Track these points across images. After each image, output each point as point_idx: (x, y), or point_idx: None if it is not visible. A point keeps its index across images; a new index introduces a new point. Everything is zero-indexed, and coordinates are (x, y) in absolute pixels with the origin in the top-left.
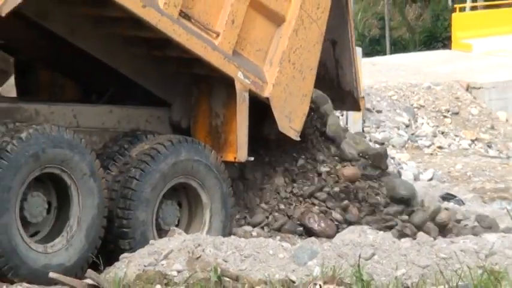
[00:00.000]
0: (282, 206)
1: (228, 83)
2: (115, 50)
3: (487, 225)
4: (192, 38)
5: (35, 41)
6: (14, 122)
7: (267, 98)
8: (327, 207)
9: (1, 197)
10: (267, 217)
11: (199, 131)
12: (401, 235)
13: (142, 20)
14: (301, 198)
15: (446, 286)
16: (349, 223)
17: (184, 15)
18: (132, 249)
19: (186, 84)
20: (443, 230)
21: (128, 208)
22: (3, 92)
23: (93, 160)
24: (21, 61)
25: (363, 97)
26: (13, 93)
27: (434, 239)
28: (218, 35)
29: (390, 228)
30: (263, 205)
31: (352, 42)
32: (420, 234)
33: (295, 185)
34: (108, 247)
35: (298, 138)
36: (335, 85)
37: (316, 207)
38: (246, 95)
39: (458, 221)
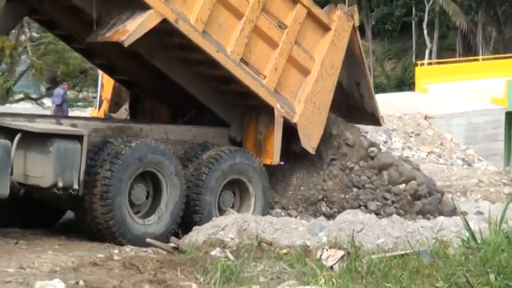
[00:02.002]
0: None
1: (269, 111)
2: (196, 83)
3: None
4: (248, 77)
5: (145, 77)
6: (127, 136)
7: (295, 124)
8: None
9: (116, 185)
10: (292, 203)
11: (248, 144)
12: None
13: (215, 61)
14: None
15: (411, 250)
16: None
17: (244, 61)
18: (201, 223)
19: (241, 111)
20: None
21: (199, 193)
22: (118, 116)
23: (177, 163)
24: (134, 93)
25: (382, 116)
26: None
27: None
28: (265, 77)
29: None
30: (291, 195)
31: (368, 83)
32: (394, 215)
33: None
34: (185, 221)
35: (314, 152)
36: (361, 110)
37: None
38: (281, 120)
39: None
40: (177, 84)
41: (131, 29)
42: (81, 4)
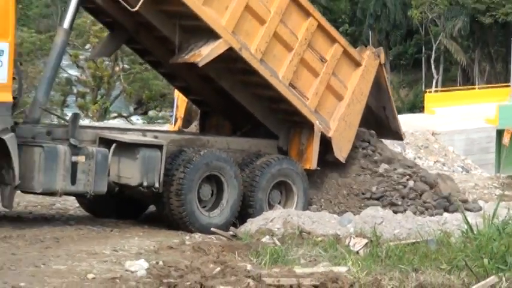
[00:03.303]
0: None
1: (310, 126)
2: (253, 102)
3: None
4: (294, 98)
5: (213, 96)
6: (197, 146)
7: (330, 137)
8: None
9: (188, 184)
10: (326, 201)
11: (292, 152)
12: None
13: (269, 84)
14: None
15: (421, 239)
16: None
17: (292, 85)
18: (254, 216)
19: (287, 126)
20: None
21: (253, 192)
22: (189, 130)
23: (236, 168)
24: (204, 111)
25: (404, 133)
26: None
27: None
28: (308, 99)
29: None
30: (324, 195)
31: (392, 107)
32: (408, 212)
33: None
34: (241, 214)
35: (344, 161)
36: (387, 128)
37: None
38: (319, 134)
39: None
40: (237, 102)
41: (205, 53)
42: (167, 34)
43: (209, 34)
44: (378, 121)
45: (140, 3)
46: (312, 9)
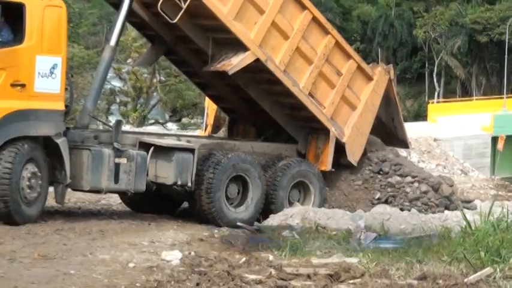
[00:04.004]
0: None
1: (326, 132)
2: (276, 109)
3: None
4: (313, 106)
5: (240, 104)
6: (225, 150)
7: (344, 143)
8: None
9: (217, 184)
10: (339, 199)
11: (310, 156)
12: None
13: (291, 92)
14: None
15: (424, 234)
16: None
17: (311, 94)
18: (275, 212)
19: (306, 132)
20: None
21: (275, 191)
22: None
23: (260, 170)
24: (232, 118)
25: (410, 142)
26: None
27: (420, 211)
28: (325, 107)
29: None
30: (338, 194)
31: (400, 118)
32: (413, 209)
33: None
34: (264, 210)
35: (356, 165)
36: (395, 137)
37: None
38: (334, 139)
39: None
40: (262, 110)
41: (234, 63)
42: (202, 46)
43: (239, 46)
44: (387, 130)
45: (179, 15)
46: (330, 28)
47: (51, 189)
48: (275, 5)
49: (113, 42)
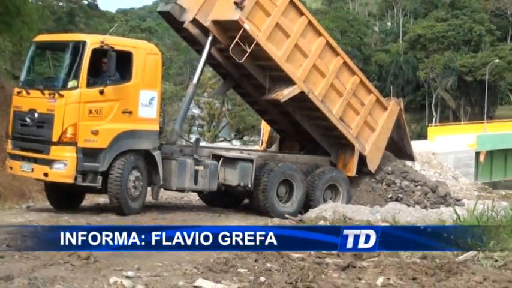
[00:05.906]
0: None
1: (352, 148)
2: (314, 129)
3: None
4: (343, 128)
5: (288, 126)
6: (276, 160)
7: (365, 156)
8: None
9: (270, 185)
10: (362, 198)
11: (340, 165)
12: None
13: (327, 117)
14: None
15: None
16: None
17: (341, 119)
18: (313, 207)
19: (336, 147)
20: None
21: (313, 191)
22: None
23: (302, 175)
24: (282, 137)
25: (415, 156)
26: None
27: (422, 207)
28: (351, 129)
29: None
30: (361, 193)
31: (408, 138)
32: (416, 206)
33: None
34: (305, 206)
35: (374, 172)
36: (404, 152)
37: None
38: (358, 153)
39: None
40: (304, 130)
41: (285, 93)
42: (261, 81)
43: (288, 82)
44: (398, 147)
45: (245, 57)
46: (356, 70)
47: (149, 189)
48: (316, 51)
49: (195, 80)
